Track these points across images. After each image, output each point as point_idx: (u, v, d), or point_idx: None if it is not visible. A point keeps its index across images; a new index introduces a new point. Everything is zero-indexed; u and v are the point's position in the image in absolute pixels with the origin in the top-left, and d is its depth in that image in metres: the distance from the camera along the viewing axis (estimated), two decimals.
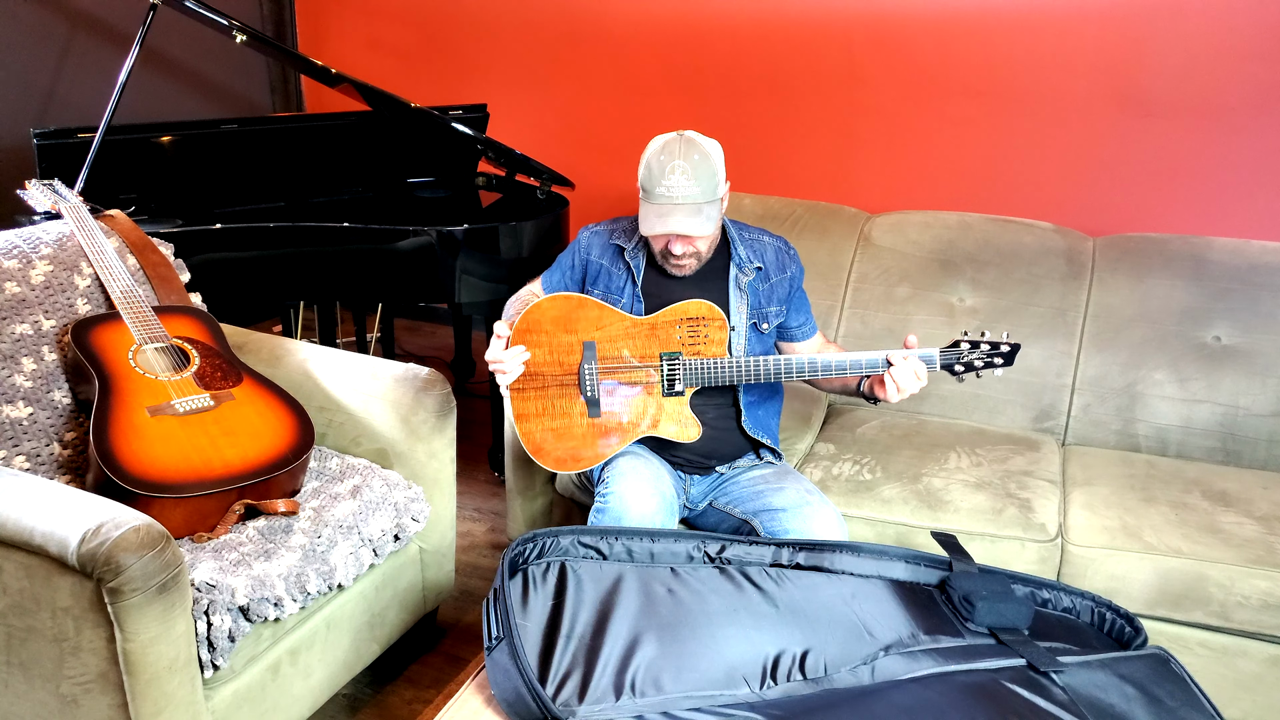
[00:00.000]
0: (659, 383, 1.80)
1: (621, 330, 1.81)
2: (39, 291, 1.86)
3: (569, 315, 1.82)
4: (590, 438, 1.80)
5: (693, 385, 1.79)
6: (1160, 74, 2.73)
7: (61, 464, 1.77)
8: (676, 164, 1.70)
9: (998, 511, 1.93)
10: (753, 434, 1.88)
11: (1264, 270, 2.27)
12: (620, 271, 1.90)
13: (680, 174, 1.69)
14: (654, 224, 1.72)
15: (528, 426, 1.82)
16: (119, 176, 2.59)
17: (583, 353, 1.80)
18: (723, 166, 1.75)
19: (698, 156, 1.71)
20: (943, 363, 1.72)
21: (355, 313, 3.50)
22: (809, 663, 1.29)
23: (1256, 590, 1.77)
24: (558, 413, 1.81)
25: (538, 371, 1.81)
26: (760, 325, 1.91)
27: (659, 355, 1.80)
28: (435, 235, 2.54)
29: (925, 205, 3.01)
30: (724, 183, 1.76)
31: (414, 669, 2.09)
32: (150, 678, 1.37)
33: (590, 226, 1.97)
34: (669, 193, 1.70)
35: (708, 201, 1.72)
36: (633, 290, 1.88)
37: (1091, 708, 1.21)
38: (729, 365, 1.77)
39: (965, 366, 1.72)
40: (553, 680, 1.22)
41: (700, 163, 1.71)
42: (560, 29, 3.47)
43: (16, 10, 3.02)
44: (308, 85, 4.09)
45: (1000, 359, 1.71)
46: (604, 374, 1.80)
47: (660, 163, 1.71)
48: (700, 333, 1.79)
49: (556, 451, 1.80)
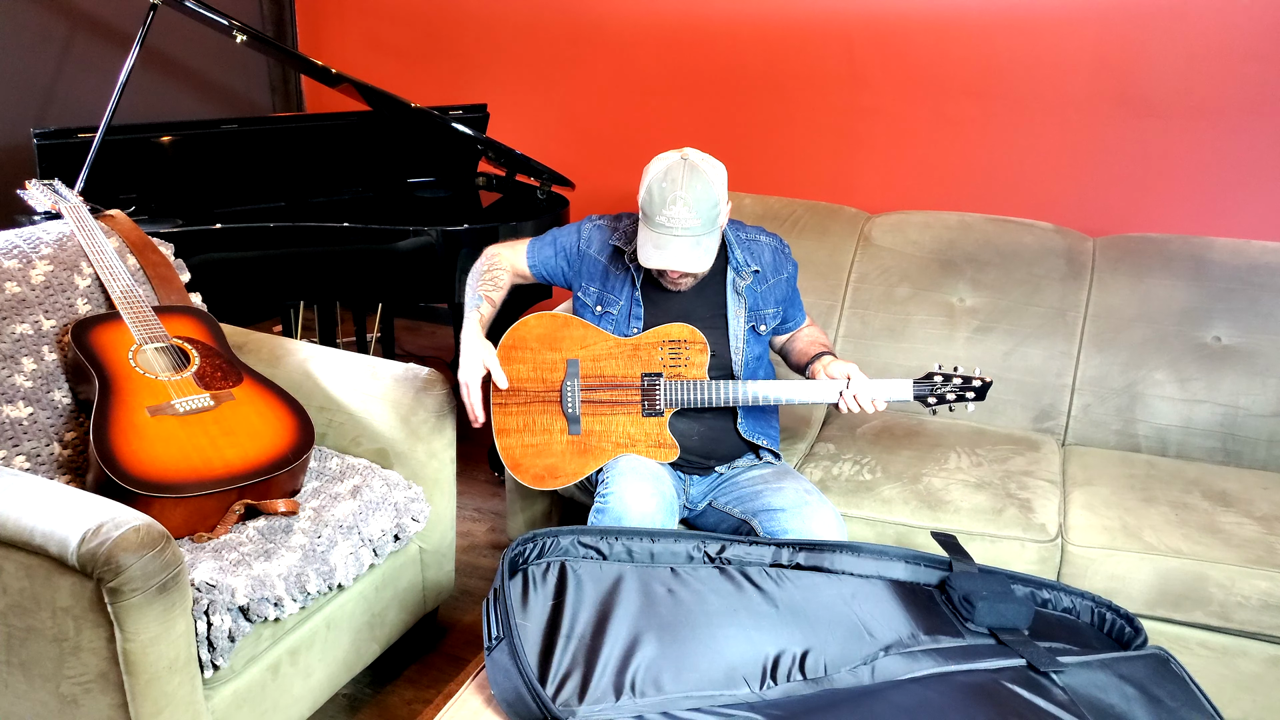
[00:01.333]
0: (640, 403, 1.81)
1: (605, 350, 1.83)
2: (39, 291, 1.86)
3: (554, 334, 1.84)
4: (569, 455, 1.82)
5: (672, 406, 1.81)
6: (1160, 74, 2.73)
7: (61, 464, 1.77)
8: (679, 195, 1.67)
9: (998, 512, 1.93)
10: (749, 438, 1.88)
11: (1264, 270, 2.27)
12: (619, 273, 1.90)
13: (681, 206, 1.67)
14: (651, 255, 1.72)
15: (507, 442, 1.84)
16: (119, 176, 2.59)
17: (566, 370, 1.83)
18: (725, 190, 1.74)
19: (700, 186, 1.68)
20: (915, 394, 1.75)
21: (355, 313, 3.50)
22: (809, 663, 1.29)
23: (1256, 590, 1.77)
24: (538, 429, 1.83)
25: (520, 387, 1.84)
26: (758, 327, 1.91)
27: (640, 375, 1.81)
28: (435, 235, 2.54)
29: (925, 205, 3.01)
30: (725, 208, 1.75)
31: (414, 669, 2.09)
32: (150, 678, 1.37)
33: (594, 219, 1.97)
34: (669, 224, 1.68)
35: (707, 234, 1.71)
36: (630, 294, 1.87)
37: (1091, 708, 1.21)
38: (707, 388, 1.79)
39: (938, 399, 1.76)
40: (553, 680, 1.22)
41: (703, 193, 1.68)
42: (560, 29, 3.47)
43: (16, 10, 3.02)
44: (308, 85, 4.09)
45: (972, 393, 1.75)
46: (585, 392, 1.82)
47: (662, 190, 1.69)
48: (681, 355, 1.81)
49: (534, 468, 1.83)
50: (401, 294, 2.68)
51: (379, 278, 2.61)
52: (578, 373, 1.82)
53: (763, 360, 1.97)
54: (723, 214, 1.74)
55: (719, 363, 1.87)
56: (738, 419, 1.88)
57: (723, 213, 1.74)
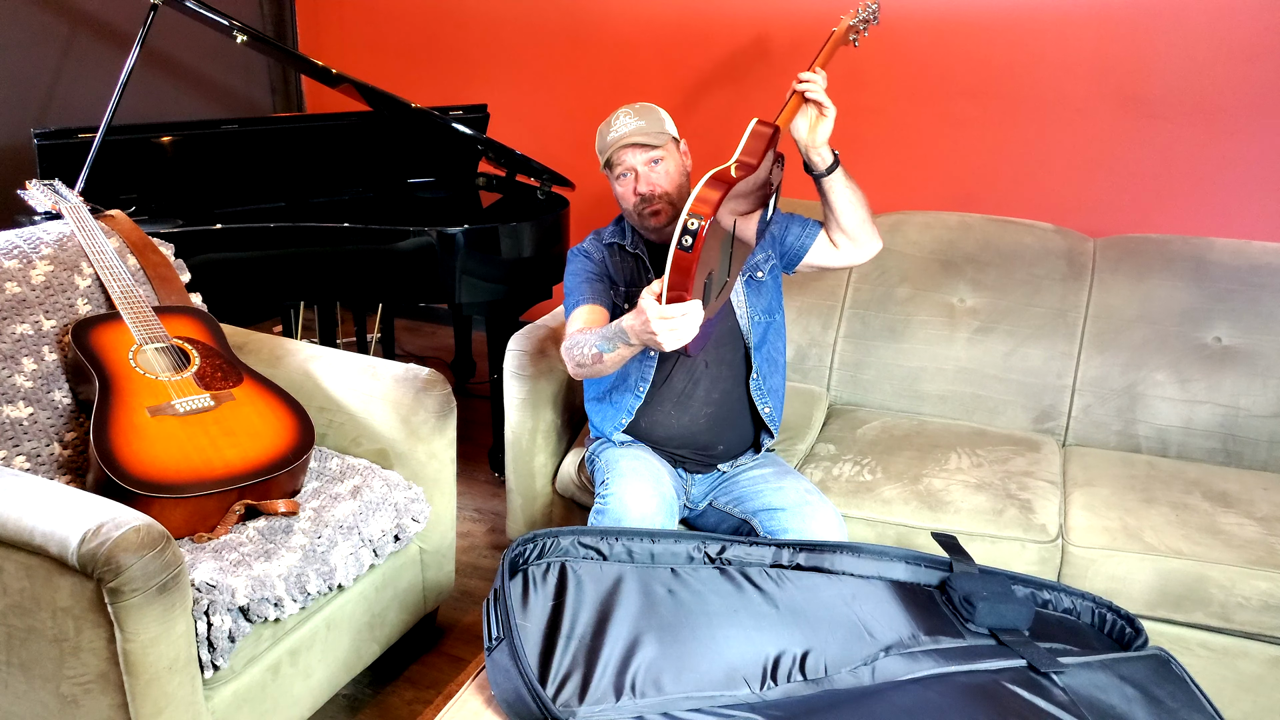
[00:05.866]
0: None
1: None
2: (39, 291, 1.86)
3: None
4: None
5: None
6: (1161, 74, 2.73)
7: (62, 464, 1.77)
8: (620, 113, 1.85)
9: (998, 512, 1.93)
10: (755, 397, 1.88)
11: (1265, 271, 2.27)
12: (628, 264, 1.92)
13: (625, 117, 1.84)
14: (612, 157, 1.82)
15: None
16: (119, 177, 2.59)
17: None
18: (672, 122, 1.88)
19: (640, 106, 1.85)
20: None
21: (355, 313, 3.50)
22: (809, 663, 1.29)
23: (1257, 591, 1.77)
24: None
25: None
26: (756, 275, 1.92)
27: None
28: (435, 236, 2.54)
29: (925, 205, 3.00)
30: (675, 130, 1.87)
31: (414, 669, 2.09)
32: (150, 678, 1.37)
33: (575, 249, 1.97)
34: (618, 133, 1.82)
35: (657, 133, 1.82)
36: (644, 276, 1.89)
37: (1092, 709, 1.21)
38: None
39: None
40: (553, 681, 1.22)
41: (644, 109, 1.85)
42: (560, 29, 3.47)
43: (16, 10, 3.02)
44: (308, 85, 4.09)
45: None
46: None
47: (606, 122, 1.86)
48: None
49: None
50: (401, 294, 2.68)
51: (379, 278, 2.61)
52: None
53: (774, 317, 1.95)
54: (672, 128, 1.86)
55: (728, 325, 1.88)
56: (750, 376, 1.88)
57: (671, 127, 1.86)
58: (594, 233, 2.01)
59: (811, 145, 1.80)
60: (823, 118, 1.78)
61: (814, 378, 2.51)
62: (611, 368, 1.70)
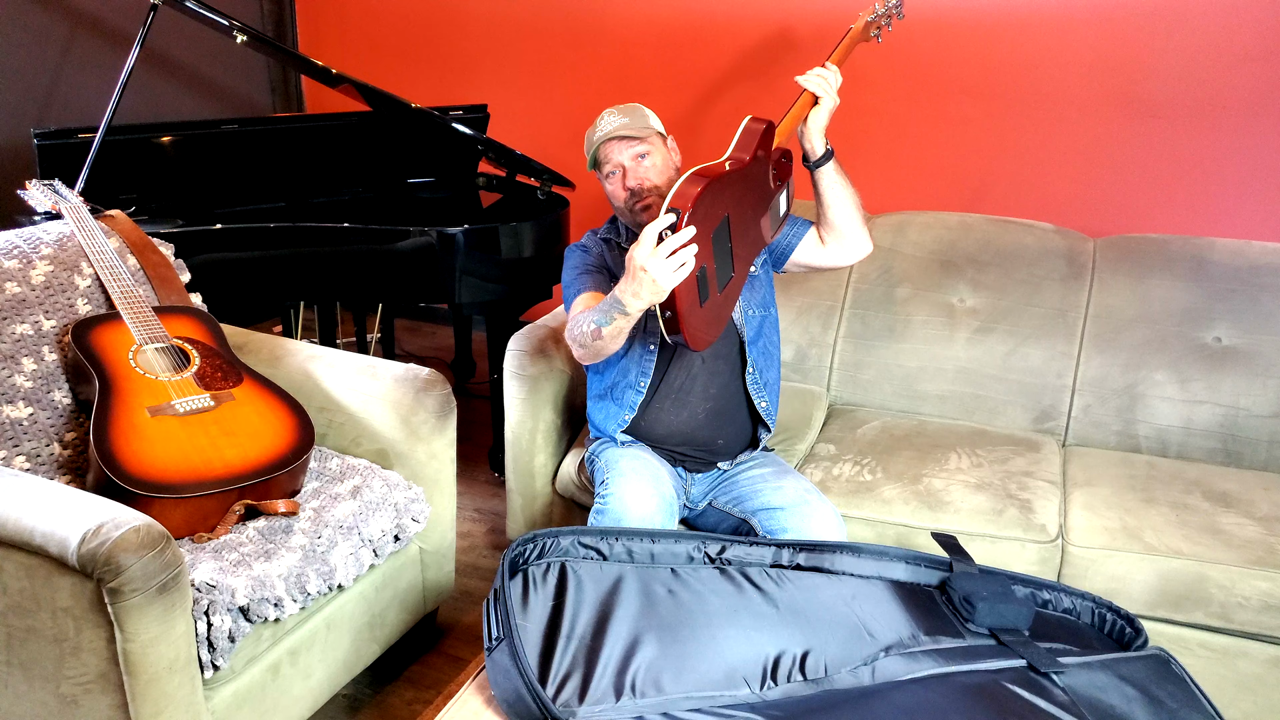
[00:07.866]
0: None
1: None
2: (39, 291, 1.86)
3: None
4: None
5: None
6: (1161, 74, 2.73)
7: (61, 464, 1.77)
8: (604, 114, 1.87)
9: (998, 512, 1.93)
10: (751, 390, 1.89)
11: (1265, 271, 2.27)
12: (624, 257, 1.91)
13: (610, 115, 1.86)
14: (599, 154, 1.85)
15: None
16: (119, 177, 2.59)
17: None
18: (658, 119, 1.90)
19: (624, 106, 1.88)
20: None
21: (355, 313, 3.50)
22: (809, 663, 1.29)
23: (1257, 591, 1.77)
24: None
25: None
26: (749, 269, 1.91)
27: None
28: (435, 236, 2.54)
29: (926, 206, 3.00)
30: (661, 126, 1.89)
31: (414, 669, 2.09)
32: (150, 678, 1.37)
33: (572, 246, 1.99)
34: (603, 131, 1.84)
35: (641, 127, 1.84)
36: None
37: (1092, 709, 1.21)
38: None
39: None
40: (553, 681, 1.22)
41: (628, 107, 1.87)
42: (560, 29, 3.47)
43: (16, 10, 3.02)
44: (308, 85, 4.09)
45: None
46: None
47: (593, 124, 1.88)
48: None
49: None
50: (401, 294, 2.68)
51: (379, 278, 2.61)
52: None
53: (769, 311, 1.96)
54: (656, 123, 1.88)
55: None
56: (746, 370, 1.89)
57: (656, 122, 1.88)
58: (589, 231, 2.02)
59: (805, 133, 1.81)
60: (818, 106, 1.78)
61: (814, 378, 2.51)
62: (611, 343, 1.68)
